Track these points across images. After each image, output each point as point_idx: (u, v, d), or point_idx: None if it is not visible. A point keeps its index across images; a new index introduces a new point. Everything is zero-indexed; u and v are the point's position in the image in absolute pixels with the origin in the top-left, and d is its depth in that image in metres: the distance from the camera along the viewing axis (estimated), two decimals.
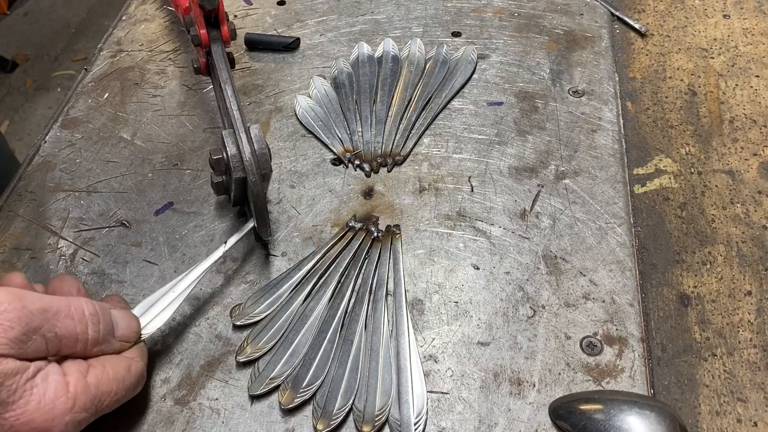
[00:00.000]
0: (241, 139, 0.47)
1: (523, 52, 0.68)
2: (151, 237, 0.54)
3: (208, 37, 0.53)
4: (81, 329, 0.38)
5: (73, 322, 0.38)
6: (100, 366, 0.39)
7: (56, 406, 0.36)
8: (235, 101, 0.49)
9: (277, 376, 0.44)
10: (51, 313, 0.37)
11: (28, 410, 0.35)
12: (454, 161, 0.58)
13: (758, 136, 0.60)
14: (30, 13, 2.32)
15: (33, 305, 0.36)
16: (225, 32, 0.54)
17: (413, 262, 0.51)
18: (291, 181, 0.57)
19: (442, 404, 0.44)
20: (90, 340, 0.39)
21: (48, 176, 0.59)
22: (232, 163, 0.46)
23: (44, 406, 0.35)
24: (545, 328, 0.47)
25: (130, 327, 0.42)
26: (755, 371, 0.46)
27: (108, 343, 0.40)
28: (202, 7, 0.51)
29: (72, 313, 0.38)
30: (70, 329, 0.38)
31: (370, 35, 0.71)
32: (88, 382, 0.38)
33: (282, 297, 0.49)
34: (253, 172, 0.46)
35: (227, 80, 0.51)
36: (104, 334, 0.40)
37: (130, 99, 0.66)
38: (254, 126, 0.48)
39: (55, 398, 0.36)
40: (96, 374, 0.38)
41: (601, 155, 0.58)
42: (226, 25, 0.54)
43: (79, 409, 0.37)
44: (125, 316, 0.42)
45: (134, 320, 0.43)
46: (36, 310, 0.36)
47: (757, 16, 0.72)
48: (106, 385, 0.39)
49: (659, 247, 0.53)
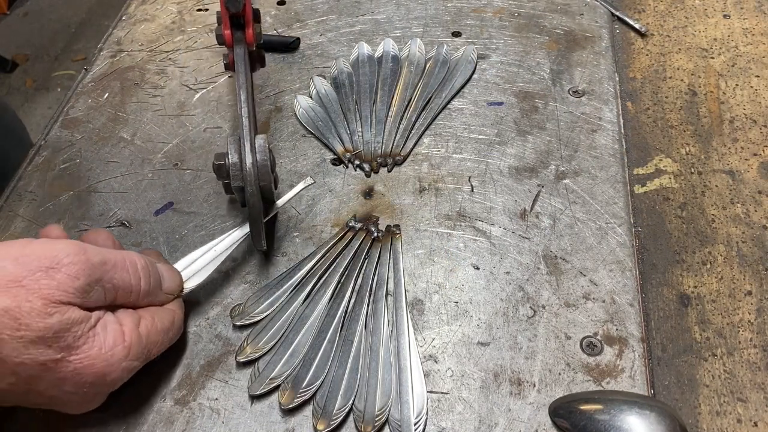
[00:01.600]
0: (244, 148, 0.46)
1: (523, 52, 0.68)
2: (151, 237, 0.54)
3: (232, 38, 0.53)
4: (135, 281, 0.41)
5: (128, 274, 0.41)
6: (149, 317, 0.42)
7: (115, 353, 0.39)
8: (246, 108, 0.49)
9: (277, 376, 0.44)
10: (110, 266, 0.39)
11: (91, 355, 0.37)
12: (454, 161, 0.58)
13: (758, 136, 0.60)
14: (30, 13, 2.32)
15: (95, 258, 0.39)
16: (249, 35, 0.53)
17: (413, 262, 0.51)
18: (291, 181, 0.57)
19: (442, 404, 0.44)
20: (142, 291, 0.42)
21: (48, 176, 0.59)
22: (232, 172, 0.46)
23: (105, 352, 0.38)
24: (545, 328, 0.47)
25: (174, 281, 0.45)
26: (755, 371, 0.46)
27: (155, 296, 0.43)
28: (227, 9, 0.51)
29: (127, 266, 0.41)
30: (125, 281, 0.40)
31: (370, 35, 0.71)
32: (140, 333, 0.40)
33: (282, 297, 0.49)
34: (252, 183, 0.46)
35: (243, 84, 0.50)
36: (153, 286, 0.43)
37: (130, 99, 0.66)
38: (260, 136, 0.47)
39: (113, 346, 0.39)
40: (146, 325, 0.41)
41: (601, 155, 0.58)
42: (251, 28, 0.53)
43: (132, 357, 0.40)
44: (170, 270, 0.45)
45: (178, 275, 0.46)
46: (97, 263, 0.39)
47: (757, 16, 0.72)
48: (155, 335, 0.42)
49: (659, 247, 0.53)
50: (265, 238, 0.49)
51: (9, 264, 0.36)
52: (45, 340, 0.36)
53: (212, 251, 0.48)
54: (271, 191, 0.49)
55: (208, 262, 0.48)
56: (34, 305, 0.35)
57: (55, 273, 0.36)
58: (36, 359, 0.36)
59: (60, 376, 0.37)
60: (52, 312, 0.36)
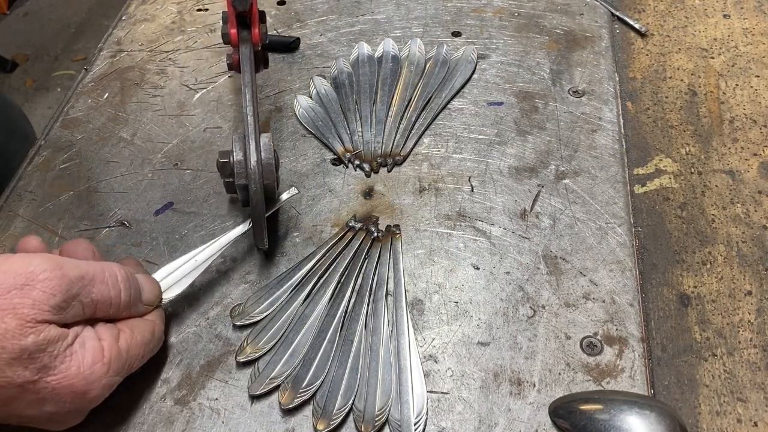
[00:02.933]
0: (249, 147, 0.46)
1: (523, 52, 0.68)
2: (151, 237, 0.54)
3: (238, 37, 0.52)
4: (114, 294, 0.40)
5: (107, 287, 0.40)
6: (128, 330, 0.41)
7: (94, 371, 0.37)
8: (251, 107, 0.49)
9: (277, 376, 0.44)
10: (87, 280, 0.38)
11: (69, 375, 0.36)
12: (454, 161, 0.58)
13: (758, 136, 0.60)
14: (30, 13, 2.32)
15: (72, 272, 0.37)
16: (255, 35, 0.53)
17: (413, 262, 0.51)
18: (291, 180, 0.57)
19: (442, 404, 0.44)
20: (122, 304, 0.41)
21: (48, 176, 0.59)
22: (236, 170, 0.46)
23: (83, 371, 0.37)
24: (545, 328, 0.47)
25: (153, 292, 0.44)
26: (755, 371, 0.46)
27: (135, 307, 0.42)
28: (234, 7, 0.51)
29: (106, 278, 0.40)
30: (105, 294, 0.39)
31: (370, 35, 0.71)
32: (120, 348, 0.39)
33: (282, 297, 0.49)
34: (256, 181, 0.46)
35: (248, 83, 0.50)
36: (134, 298, 0.42)
37: (130, 99, 0.66)
38: (265, 135, 0.47)
39: (92, 363, 0.37)
40: (126, 338, 0.40)
41: (601, 155, 0.58)
42: (257, 28, 0.53)
43: (113, 373, 0.39)
44: (149, 281, 0.44)
45: (156, 285, 0.45)
46: (75, 277, 0.37)
47: (757, 16, 0.72)
48: (135, 349, 0.41)
49: (659, 247, 0.53)
50: (267, 237, 0.49)
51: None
52: (21, 362, 0.35)
53: (192, 261, 0.47)
54: (274, 190, 0.49)
55: (189, 272, 0.47)
56: (8, 326, 0.34)
57: (30, 290, 0.35)
58: (12, 381, 0.35)
59: (38, 396, 0.36)
60: (27, 333, 0.35)
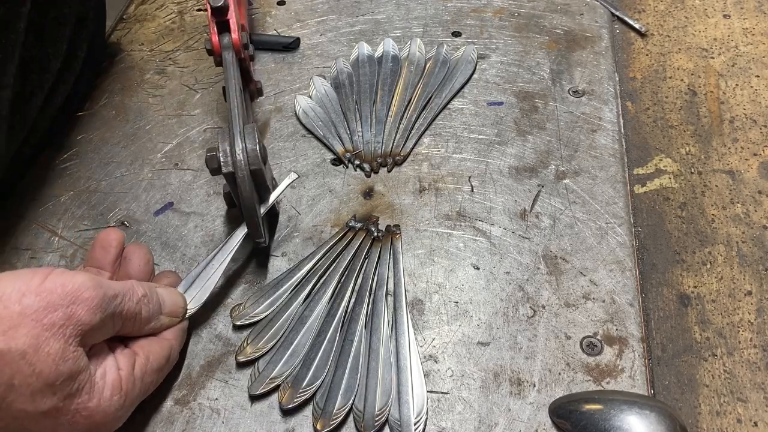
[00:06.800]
0: (234, 136, 0.46)
1: (523, 52, 0.68)
2: (150, 237, 0.54)
3: (219, 44, 0.53)
4: (137, 310, 0.40)
5: (132, 304, 0.40)
6: (143, 356, 0.41)
7: (112, 404, 0.38)
8: (236, 100, 0.49)
9: (277, 376, 0.44)
10: (120, 298, 0.39)
11: (89, 407, 0.36)
12: (454, 161, 0.58)
13: (758, 136, 0.60)
14: None
15: (109, 291, 0.38)
16: (235, 40, 0.53)
17: (413, 262, 0.51)
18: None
19: (442, 404, 0.44)
20: (143, 320, 0.41)
21: (48, 176, 0.59)
22: (221, 159, 0.45)
23: (102, 404, 0.37)
24: (545, 328, 0.47)
25: (176, 303, 0.44)
26: (755, 371, 0.46)
27: (157, 320, 0.42)
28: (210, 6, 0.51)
29: (132, 296, 0.40)
30: (131, 311, 0.40)
31: (370, 35, 0.71)
32: (135, 377, 0.40)
33: (282, 297, 0.49)
34: (242, 168, 0.45)
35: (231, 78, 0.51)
36: (153, 312, 0.42)
37: (130, 99, 0.66)
38: (249, 125, 0.47)
39: (111, 396, 0.38)
40: (140, 365, 0.40)
41: (601, 155, 0.58)
42: (237, 33, 0.53)
43: (128, 405, 0.39)
44: (170, 293, 0.45)
45: (179, 296, 0.45)
46: (111, 296, 0.38)
47: (757, 16, 0.72)
48: (150, 376, 0.41)
49: (659, 247, 0.53)
50: (265, 232, 0.48)
51: (31, 299, 0.34)
52: (52, 388, 0.34)
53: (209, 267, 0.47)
54: (263, 176, 0.47)
55: (208, 278, 0.47)
56: (51, 348, 0.34)
57: (76, 308, 0.35)
58: (38, 407, 0.34)
59: (55, 423, 0.36)
60: (68, 357, 0.35)
